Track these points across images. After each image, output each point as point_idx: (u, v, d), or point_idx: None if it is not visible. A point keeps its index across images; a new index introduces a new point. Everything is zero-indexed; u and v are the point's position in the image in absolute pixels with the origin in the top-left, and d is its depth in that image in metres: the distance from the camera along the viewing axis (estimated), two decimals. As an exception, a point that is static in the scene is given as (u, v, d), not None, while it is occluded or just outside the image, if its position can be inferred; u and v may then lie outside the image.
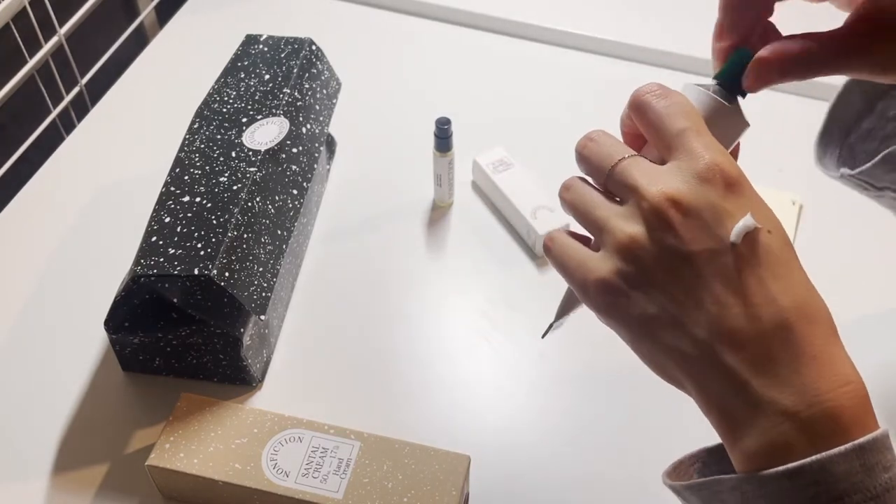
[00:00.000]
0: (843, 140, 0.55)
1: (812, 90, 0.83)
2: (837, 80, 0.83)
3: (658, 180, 0.38)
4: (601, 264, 0.39)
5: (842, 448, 0.34)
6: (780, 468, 0.35)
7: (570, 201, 0.41)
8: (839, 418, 0.35)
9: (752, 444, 0.36)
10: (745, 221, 0.36)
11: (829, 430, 0.35)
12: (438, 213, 0.73)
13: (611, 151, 0.40)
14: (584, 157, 0.41)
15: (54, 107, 0.82)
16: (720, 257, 0.36)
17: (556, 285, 0.43)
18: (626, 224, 0.38)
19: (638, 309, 0.38)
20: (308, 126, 0.66)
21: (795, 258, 0.38)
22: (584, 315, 0.42)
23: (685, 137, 0.38)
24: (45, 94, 0.81)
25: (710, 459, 0.41)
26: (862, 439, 0.34)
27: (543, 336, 0.45)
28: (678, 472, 0.41)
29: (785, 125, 0.81)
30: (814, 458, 0.34)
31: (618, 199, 0.40)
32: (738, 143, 0.44)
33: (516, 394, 0.62)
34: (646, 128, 0.40)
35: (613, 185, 0.40)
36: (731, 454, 0.38)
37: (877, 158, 0.51)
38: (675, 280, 0.37)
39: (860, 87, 0.54)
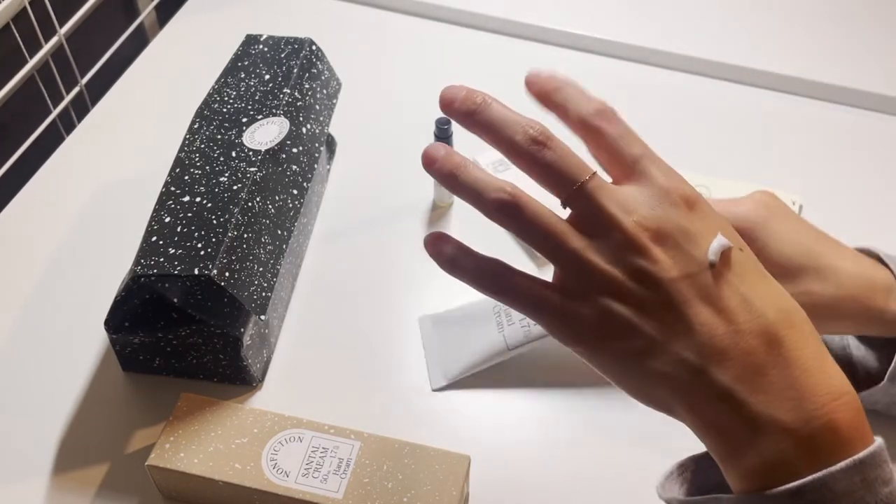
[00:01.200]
0: None
1: (813, 91, 0.83)
2: (839, 81, 0.83)
3: (627, 207, 0.37)
4: (583, 309, 0.37)
5: (841, 465, 0.34)
6: (782, 488, 0.34)
7: (528, 221, 0.38)
8: (838, 431, 0.35)
9: (752, 464, 0.36)
10: (719, 240, 0.37)
11: (829, 444, 0.35)
12: (438, 213, 0.73)
13: (571, 167, 0.38)
14: (541, 163, 0.38)
15: (54, 107, 0.82)
16: (700, 278, 0.36)
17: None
18: (601, 259, 0.37)
19: (625, 345, 0.37)
20: (308, 126, 0.66)
21: (766, 272, 0.39)
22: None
23: (643, 164, 0.38)
24: (45, 94, 0.81)
25: (697, 467, 0.41)
26: (861, 454, 0.34)
27: None
28: (670, 483, 0.41)
29: (785, 126, 0.81)
30: (814, 476, 0.34)
31: (577, 217, 0.38)
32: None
33: (516, 394, 0.62)
34: (600, 150, 0.40)
35: (577, 206, 0.38)
36: (728, 474, 0.37)
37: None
38: (660, 309, 0.36)
39: None
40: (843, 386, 0.36)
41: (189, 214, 0.58)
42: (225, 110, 0.65)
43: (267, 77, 0.67)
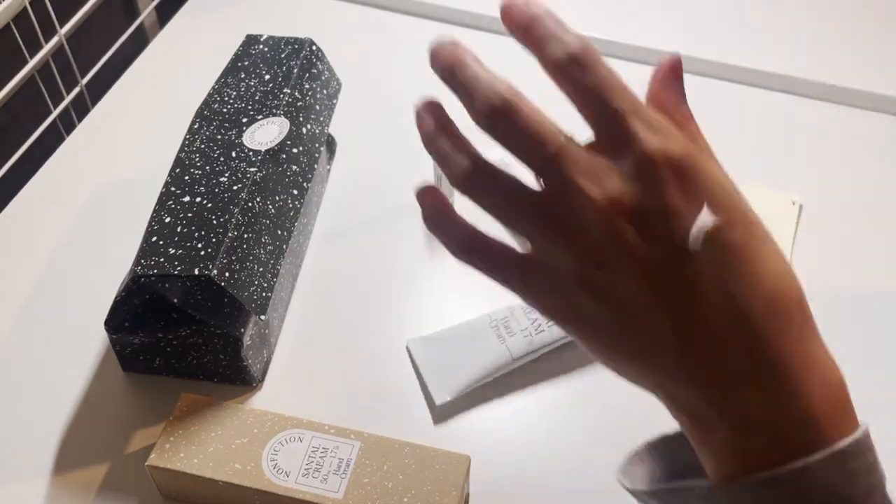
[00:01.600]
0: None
1: (813, 91, 0.83)
2: (839, 81, 0.83)
3: (600, 182, 0.33)
4: (550, 292, 0.36)
5: (819, 455, 0.32)
6: (755, 476, 0.33)
7: (495, 199, 0.36)
8: (815, 423, 0.33)
9: (725, 451, 0.34)
10: (701, 220, 0.33)
11: (804, 435, 0.33)
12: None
13: (542, 132, 0.35)
14: (504, 137, 0.35)
15: (54, 107, 0.82)
16: (677, 267, 0.33)
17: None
18: (567, 243, 0.34)
19: (593, 332, 0.35)
20: (308, 126, 0.66)
21: (761, 241, 0.34)
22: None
23: (626, 122, 0.34)
24: (46, 94, 0.81)
25: (667, 448, 0.40)
26: (841, 444, 0.32)
27: None
28: (633, 467, 0.39)
29: (786, 126, 0.81)
30: (790, 466, 0.32)
31: (547, 192, 0.35)
32: None
33: (516, 394, 0.62)
34: (577, 103, 0.35)
35: (547, 181, 0.34)
36: (703, 459, 0.36)
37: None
38: (630, 299, 0.34)
39: None
40: (825, 376, 0.34)
41: (189, 214, 0.58)
42: (225, 110, 0.65)
43: (267, 77, 0.67)
